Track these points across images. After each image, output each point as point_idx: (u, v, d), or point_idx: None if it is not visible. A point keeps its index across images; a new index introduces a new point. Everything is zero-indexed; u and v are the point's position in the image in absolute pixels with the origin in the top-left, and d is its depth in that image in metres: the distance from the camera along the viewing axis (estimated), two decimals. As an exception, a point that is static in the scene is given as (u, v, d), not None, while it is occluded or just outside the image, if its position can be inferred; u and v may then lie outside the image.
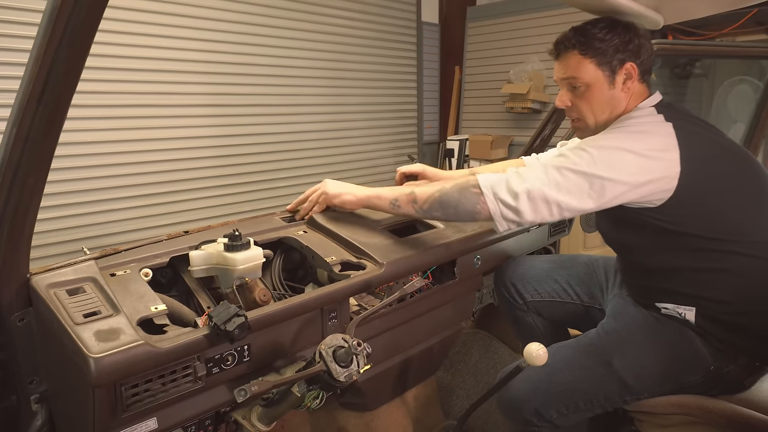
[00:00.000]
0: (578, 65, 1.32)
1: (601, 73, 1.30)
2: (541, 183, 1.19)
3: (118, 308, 0.92)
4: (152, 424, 0.95)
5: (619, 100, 1.32)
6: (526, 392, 1.34)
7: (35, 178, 0.85)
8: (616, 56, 1.29)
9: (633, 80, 1.31)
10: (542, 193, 1.18)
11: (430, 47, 5.55)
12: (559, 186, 1.18)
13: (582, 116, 1.36)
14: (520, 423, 1.39)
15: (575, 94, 1.35)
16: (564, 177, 1.18)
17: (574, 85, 1.34)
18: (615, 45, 1.29)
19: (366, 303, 1.36)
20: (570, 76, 1.33)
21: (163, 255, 1.15)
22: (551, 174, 1.19)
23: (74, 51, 0.76)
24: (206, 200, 3.85)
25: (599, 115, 1.34)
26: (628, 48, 1.29)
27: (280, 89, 4.17)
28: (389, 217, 1.52)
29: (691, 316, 1.27)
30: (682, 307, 1.29)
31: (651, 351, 1.30)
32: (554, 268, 1.66)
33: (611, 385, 1.30)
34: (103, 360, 0.81)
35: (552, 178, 1.19)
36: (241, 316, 0.93)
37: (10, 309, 0.94)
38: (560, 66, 1.37)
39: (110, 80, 3.21)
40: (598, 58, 1.29)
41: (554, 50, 1.38)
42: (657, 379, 1.30)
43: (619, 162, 1.17)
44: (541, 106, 4.93)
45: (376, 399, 1.56)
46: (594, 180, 1.17)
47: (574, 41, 1.31)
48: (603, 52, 1.29)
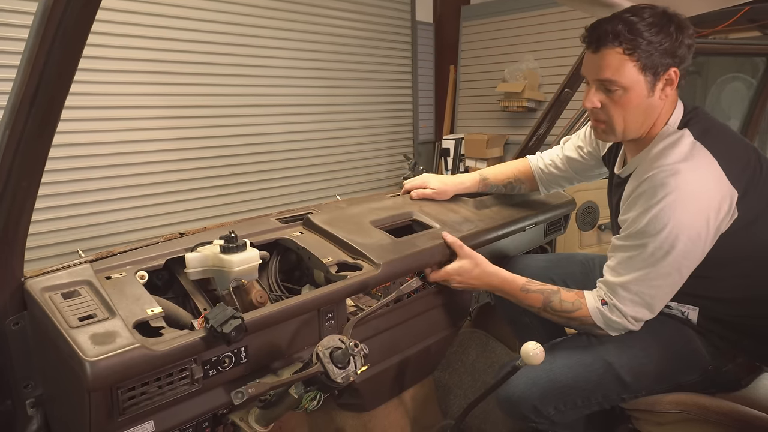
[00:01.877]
0: (620, 67, 1.14)
1: (643, 78, 1.15)
2: (643, 305, 1.21)
3: (113, 311, 0.92)
4: (149, 427, 0.94)
5: (654, 109, 1.20)
6: (524, 389, 1.34)
7: (29, 180, 0.85)
8: (663, 61, 1.14)
9: (673, 87, 1.18)
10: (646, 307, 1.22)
11: (425, 46, 5.55)
12: (658, 291, 1.20)
13: (611, 121, 1.22)
14: (518, 419, 1.39)
15: (608, 97, 1.20)
16: (656, 285, 1.19)
17: (609, 88, 1.18)
18: (664, 48, 1.13)
19: (363, 303, 1.36)
20: (607, 78, 1.17)
21: (158, 257, 1.14)
22: (645, 286, 1.19)
23: (67, 52, 0.75)
24: (202, 201, 3.84)
25: (631, 123, 1.21)
26: (677, 52, 1.14)
27: (276, 89, 4.16)
28: (385, 218, 1.52)
29: (694, 316, 1.27)
30: (686, 307, 1.28)
31: (649, 350, 1.29)
32: (550, 266, 1.65)
33: (609, 383, 1.30)
34: (99, 363, 0.80)
35: (648, 292, 1.20)
36: (238, 318, 0.93)
37: (5, 313, 0.93)
38: (596, 62, 1.18)
39: (103, 82, 3.19)
40: (643, 60, 1.13)
41: (591, 41, 1.18)
42: (655, 378, 1.30)
43: (691, 246, 1.13)
44: (536, 105, 4.94)
45: (373, 399, 1.56)
46: (682, 270, 1.17)
47: (621, 37, 1.12)
48: (650, 55, 1.13)
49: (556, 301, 1.31)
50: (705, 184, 1.12)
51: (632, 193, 1.20)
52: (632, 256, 1.19)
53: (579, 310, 1.28)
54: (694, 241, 1.12)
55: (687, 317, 1.28)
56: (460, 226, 1.56)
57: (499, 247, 1.73)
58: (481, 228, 1.58)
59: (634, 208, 1.18)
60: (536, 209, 1.83)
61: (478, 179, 1.76)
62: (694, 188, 1.11)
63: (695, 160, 1.13)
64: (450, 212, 1.65)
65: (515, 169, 1.76)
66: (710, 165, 1.13)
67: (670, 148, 1.16)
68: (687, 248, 1.13)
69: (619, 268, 1.22)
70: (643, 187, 1.16)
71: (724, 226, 1.14)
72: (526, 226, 1.77)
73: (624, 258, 1.21)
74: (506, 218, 1.70)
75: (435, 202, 1.71)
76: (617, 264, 1.23)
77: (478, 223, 1.60)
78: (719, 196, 1.12)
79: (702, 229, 1.12)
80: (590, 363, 1.31)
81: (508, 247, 1.78)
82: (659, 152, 1.18)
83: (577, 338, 1.39)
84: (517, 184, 1.76)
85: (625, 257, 1.21)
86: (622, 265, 1.21)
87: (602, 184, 2.38)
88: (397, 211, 1.58)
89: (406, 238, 1.43)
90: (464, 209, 1.70)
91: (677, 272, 1.17)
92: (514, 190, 1.78)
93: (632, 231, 1.18)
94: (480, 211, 1.71)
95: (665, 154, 1.16)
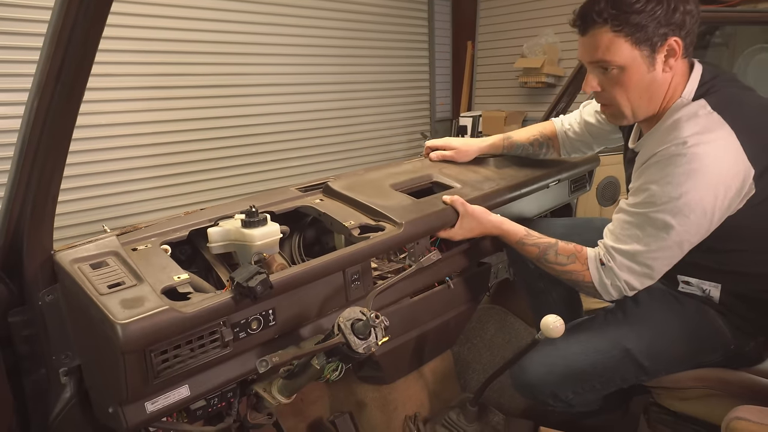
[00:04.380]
0: (610, 45, 1.10)
1: (639, 53, 1.10)
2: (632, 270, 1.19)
3: (141, 278, 0.94)
4: (185, 391, 0.97)
5: (660, 84, 1.14)
6: (542, 375, 1.33)
7: (56, 154, 0.87)
8: (658, 31, 1.08)
9: (677, 57, 1.11)
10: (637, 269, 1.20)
11: (442, 22, 5.46)
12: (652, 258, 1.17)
13: (615, 103, 1.19)
14: (537, 402, 1.40)
15: (606, 78, 1.16)
16: (654, 257, 1.16)
17: (605, 68, 1.14)
18: (657, 18, 1.07)
19: (388, 267, 1.36)
20: (600, 59, 1.13)
21: (182, 229, 1.16)
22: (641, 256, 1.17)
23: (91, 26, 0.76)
24: (221, 180, 3.88)
25: (636, 102, 1.16)
26: (672, 20, 1.07)
27: (293, 68, 4.15)
28: (405, 181, 1.52)
29: (716, 293, 1.23)
30: (707, 284, 1.24)
31: (669, 332, 1.27)
32: (567, 232, 1.60)
33: (628, 367, 1.28)
34: (129, 326, 0.83)
35: (641, 260, 1.17)
36: (263, 273, 0.95)
37: (36, 285, 0.96)
38: (587, 45, 1.15)
39: (123, 62, 3.22)
40: (635, 34, 1.08)
41: (579, 24, 1.15)
42: (675, 360, 1.29)
43: (696, 221, 1.10)
44: (556, 80, 4.85)
45: (393, 372, 1.58)
46: (683, 245, 1.14)
47: (605, 14, 1.09)
48: (642, 27, 1.07)
49: (551, 253, 1.31)
50: (719, 158, 1.06)
51: (645, 163, 1.16)
52: (634, 224, 1.17)
53: (572, 264, 1.27)
54: (699, 217, 1.09)
55: (709, 294, 1.25)
56: (481, 185, 1.54)
57: (523, 206, 1.70)
58: (502, 186, 1.55)
59: (644, 176, 1.15)
60: (559, 166, 1.79)
61: (502, 137, 1.73)
62: (706, 162, 1.06)
63: (711, 134, 1.07)
64: (470, 172, 1.63)
65: (540, 130, 1.73)
66: (727, 138, 1.07)
67: (685, 121, 1.11)
68: (691, 223, 1.09)
69: (620, 233, 1.20)
70: (654, 159, 1.13)
71: (737, 203, 1.10)
72: (549, 183, 1.73)
73: (626, 224, 1.19)
74: (528, 176, 1.66)
75: (455, 164, 1.69)
76: (619, 228, 1.21)
77: (500, 182, 1.58)
78: (732, 172, 1.07)
79: (709, 206, 1.08)
80: (607, 350, 1.29)
81: (532, 206, 1.75)
82: (672, 125, 1.12)
83: (592, 321, 1.37)
84: (544, 141, 1.72)
85: (627, 222, 1.18)
86: (624, 231, 1.19)
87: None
88: (416, 174, 1.57)
89: (426, 198, 1.42)
90: (485, 169, 1.68)
91: (677, 246, 1.14)
92: (541, 151, 1.74)
93: (638, 200, 1.16)
94: (501, 169, 1.69)
95: (679, 127, 1.10)
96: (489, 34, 5.37)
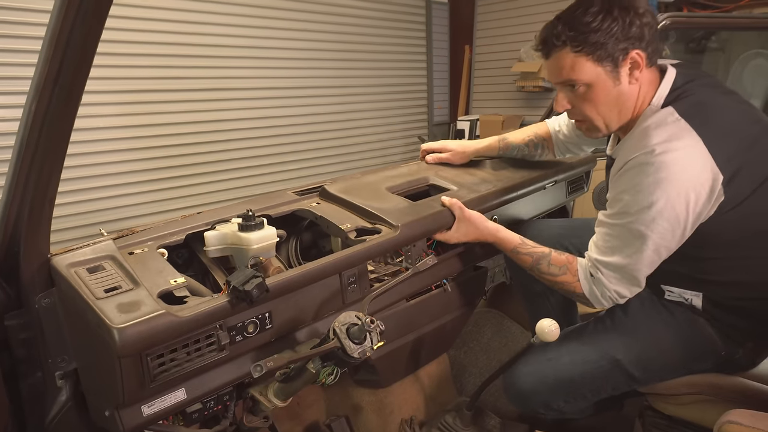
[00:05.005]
0: (573, 65, 1.14)
1: (602, 69, 1.13)
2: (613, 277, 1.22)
3: (138, 283, 0.95)
4: (181, 394, 0.97)
5: (628, 96, 1.17)
6: (532, 385, 1.34)
7: (54, 157, 0.87)
8: (618, 47, 1.11)
9: (641, 69, 1.14)
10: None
11: (440, 26, 5.48)
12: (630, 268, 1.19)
13: (587, 119, 1.22)
14: (529, 412, 1.41)
15: (575, 95, 1.20)
16: (635, 266, 1.18)
17: (573, 86, 1.18)
18: (614, 34, 1.10)
19: (384, 270, 1.36)
20: (566, 79, 1.17)
21: (179, 233, 1.17)
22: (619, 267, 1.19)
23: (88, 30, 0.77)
24: (218, 183, 3.88)
25: (607, 115, 1.20)
26: (630, 34, 1.10)
27: (290, 71, 4.16)
28: (401, 183, 1.52)
29: (698, 302, 1.24)
30: (689, 293, 1.25)
31: (660, 343, 1.28)
32: (564, 233, 1.62)
33: (617, 377, 1.30)
34: (126, 330, 0.83)
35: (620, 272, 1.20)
36: (259, 277, 0.95)
37: (33, 288, 0.96)
38: (552, 67, 1.19)
39: (119, 65, 3.22)
40: (596, 53, 1.11)
41: (541, 48, 1.20)
42: (666, 369, 1.30)
43: (669, 228, 1.11)
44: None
45: (389, 376, 1.58)
46: (660, 251, 1.15)
47: (563, 37, 1.13)
48: (601, 45, 1.11)
49: (544, 264, 1.32)
50: (686, 166, 1.07)
51: (615, 174, 1.19)
52: (613, 235, 1.19)
53: (564, 275, 1.29)
54: (672, 224, 1.10)
55: (691, 303, 1.25)
56: (477, 186, 1.54)
57: (520, 207, 1.71)
58: (498, 188, 1.56)
59: (616, 186, 1.18)
60: (556, 167, 1.80)
61: (498, 138, 1.74)
62: (674, 170, 1.07)
63: (678, 141, 1.09)
64: (467, 174, 1.64)
65: (535, 131, 1.74)
66: (694, 146, 1.08)
67: (653, 128, 1.12)
68: (665, 230, 1.11)
69: (602, 245, 1.23)
70: (625, 168, 1.15)
71: (708, 209, 1.11)
72: (546, 184, 1.74)
73: (606, 236, 1.22)
74: (525, 177, 1.67)
75: (451, 167, 1.70)
76: (601, 241, 1.23)
77: (497, 183, 1.59)
78: (701, 179, 1.08)
79: (681, 213, 1.09)
80: (596, 360, 1.30)
81: (529, 207, 1.76)
82: (641, 133, 1.14)
83: (583, 331, 1.38)
84: (539, 142, 1.73)
85: (607, 234, 1.21)
86: (606, 243, 1.22)
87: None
88: (413, 177, 1.58)
89: (423, 200, 1.42)
90: (481, 171, 1.69)
91: (655, 253, 1.15)
92: (536, 152, 1.75)
93: (614, 210, 1.19)
94: (498, 171, 1.70)
95: (648, 135, 1.12)
96: (486, 39, 5.39)
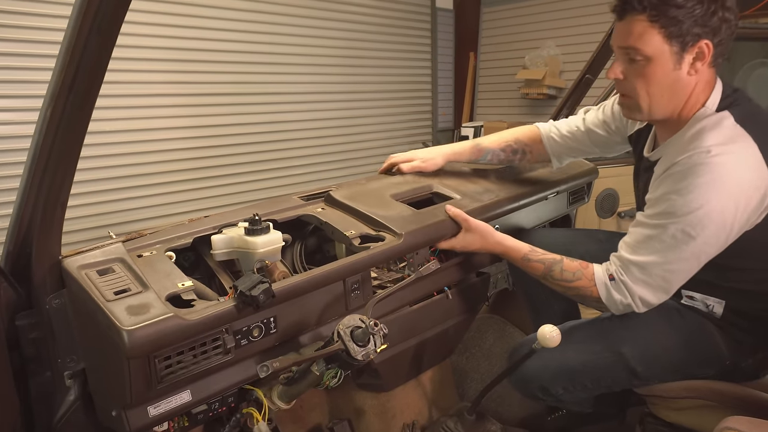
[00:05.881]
0: (643, 33, 1.09)
1: (668, 47, 1.09)
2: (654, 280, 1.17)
3: (147, 285, 0.96)
4: (186, 396, 0.99)
5: (683, 86, 1.13)
6: (535, 369, 1.34)
7: (67, 161, 0.89)
8: (692, 30, 1.07)
9: (704, 62, 1.10)
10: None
11: (445, 33, 5.51)
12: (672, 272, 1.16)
13: (634, 95, 1.17)
14: (527, 396, 1.42)
15: (632, 67, 1.14)
16: (671, 269, 1.15)
17: (632, 57, 1.13)
18: (695, 16, 1.06)
19: (388, 277, 1.38)
20: (629, 45, 1.12)
21: (186, 236, 1.18)
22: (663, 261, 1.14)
23: (103, 41, 0.80)
24: (226, 187, 3.91)
25: (656, 98, 1.15)
26: (709, 22, 1.06)
27: (295, 77, 4.19)
28: (406, 191, 1.54)
29: (720, 309, 1.23)
30: (711, 299, 1.24)
31: (666, 342, 1.27)
32: (568, 243, 1.61)
33: (619, 371, 1.29)
34: (135, 332, 0.85)
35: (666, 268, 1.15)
36: (265, 282, 0.97)
37: (44, 289, 0.98)
38: (621, 30, 1.14)
39: (130, 70, 3.26)
40: (670, 28, 1.07)
41: (618, 7, 1.14)
42: (668, 369, 1.29)
43: (715, 233, 1.09)
44: (557, 92, 4.88)
45: (392, 380, 1.59)
46: (701, 257, 1.13)
47: (646, 2, 1.07)
48: (678, 23, 1.06)
49: (557, 270, 1.29)
50: (741, 170, 1.06)
51: (665, 172, 1.15)
52: (652, 236, 1.15)
53: (579, 281, 1.26)
54: (719, 228, 1.08)
55: (712, 310, 1.24)
56: (480, 195, 1.56)
57: (522, 217, 1.71)
58: (501, 197, 1.57)
59: (663, 185, 1.14)
60: (558, 178, 1.80)
61: (471, 143, 1.70)
62: (729, 173, 1.05)
63: (735, 145, 1.07)
64: (470, 183, 1.65)
65: (516, 134, 1.70)
66: (750, 150, 1.07)
67: (709, 130, 1.10)
68: (711, 235, 1.09)
69: (637, 245, 1.18)
70: (675, 168, 1.11)
71: (755, 217, 1.09)
72: (548, 194, 1.75)
73: (644, 236, 1.17)
74: (527, 187, 1.69)
75: (455, 175, 1.70)
76: (636, 241, 1.19)
77: (499, 193, 1.60)
78: (754, 184, 1.06)
79: (729, 218, 1.07)
80: (600, 350, 1.30)
81: (531, 217, 1.76)
82: (695, 134, 1.12)
83: (591, 324, 1.38)
84: (518, 147, 1.68)
85: (645, 235, 1.16)
86: (641, 244, 1.17)
87: (622, 171, 2.37)
88: (417, 185, 1.59)
89: (426, 209, 1.43)
90: (485, 179, 1.70)
91: (695, 258, 1.13)
92: (515, 157, 1.70)
93: (657, 210, 1.14)
94: (501, 180, 1.71)
95: (702, 137, 1.10)
96: (491, 46, 5.42)
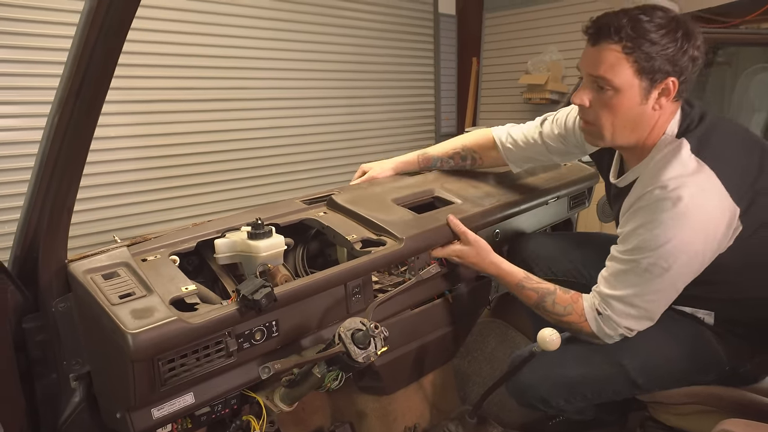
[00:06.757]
0: (615, 65, 1.09)
1: (638, 82, 1.09)
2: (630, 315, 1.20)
3: (151, 289, 0.98)
4: (189, 398, 1.01)
5: (646, 119, 1.14)
6: (534, 379, 1.35)
7: (73, 167, 0.91)
8: (663, 67, 1.07)
9: (669, 98, 1.11)
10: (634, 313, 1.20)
11: (448, 38, 5.53)
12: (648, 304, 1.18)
13: (598, 124, 1.18)
14: (525, 406, 1.42)
15: (599, 96, 1.14)
16: (650, 300, 1.17)
17: (601, 86, 1.12)
18: (667, 54, 1.06)
19: (389, 281, 1.39)
20: (600, 75, 1.11)
21: (190, 240, 1.20)
22: (636, 301, 1.18)
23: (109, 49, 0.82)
24: (229, 192, 3.92)
25: (619, 129, 1.16)
26: (680, 61, 1.07)
27: (299, 83, 4.21)
28: (407, 195, 1.55)
29: (710, 320, 1.25)
30: (701, 312, 1.26)
31: (665, 351, 1.27)
32: (568, 248, 1.62)
33: (620, 382, 1.29)
34: (139, 335, 0.87)
35: (641, 308, 1.18)
36: (268, 287, 0.99)
37: (50, 293, 1.00)
38: (592, 56, 1.12)
39: (133, 76, 3.28)
40: (642, 63, 1.07)
41: (592, 32, 1.12)
42: (668, 378, 1.30)
43: (688, 262, 1.11)
44: (560, 97, 4.89)
45: (393, 383, 1.60)
46: (677, 284, 1.15)
47: (623, 33, 1.06)
48: (650, 59, 1.06)
49: (549, 302, 1.30)
50: (704, 200, 1.07)
51: (631, 207, 1.17)
52: (627, 270, 1.17)
53: (569, 316, 1.27)
54: (691, 258, 1.10)
55: (704, 321, 1.26)
56: (481, 200, 1.57)
57: (523, 221, 1.73)
58: (502, 202, 1.59)
59: (631, 221, 1.16)
60: (558, 183, 1.82)
61: (418, 153, 1.74)
62: (691, 205, 1.07)
63: (695, 177, 1.08)
64: (471, 188, 1.66)
65: (464, 141, 1.70)
66: (710, 180, 1.08)
67: (670, 159, 1.12)
68: (683, 264, 1.11)
69: (614, 280, 1.20)
70: (642, 202, 1.13)
71: (726, 242, 1.11)
72: (549, 199, 1.77)
73: (619, 270, 1.19)
74: (528, 192, 1.70)
75: (457, 179, 1.71)
76: (612, 275, 1.21)
77: (500, 197, 1.61)
78: (718, 213, 1.08)
79: (699, 247, 1.09)
80: (600, 362, 1.30)
81: (532, 221, 1.78)
82: (659, 163, 1.13)
83: None
84: (466, 154, 1.69)
85: (620, 270, 1.19)
86: (617, 278, 1.19)
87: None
88: (418, 189, 1.60)
89: (428, 213, 1.45)
90: (486, 184, 1.71)
91: (672, 287, 1.15)
92: (465, 163, 1.71)
93: (629, 246, 1.16)
94: (502, 185, 1.72)
95: (663, 169, 1.11)
96: (494, 51, 5.44)
